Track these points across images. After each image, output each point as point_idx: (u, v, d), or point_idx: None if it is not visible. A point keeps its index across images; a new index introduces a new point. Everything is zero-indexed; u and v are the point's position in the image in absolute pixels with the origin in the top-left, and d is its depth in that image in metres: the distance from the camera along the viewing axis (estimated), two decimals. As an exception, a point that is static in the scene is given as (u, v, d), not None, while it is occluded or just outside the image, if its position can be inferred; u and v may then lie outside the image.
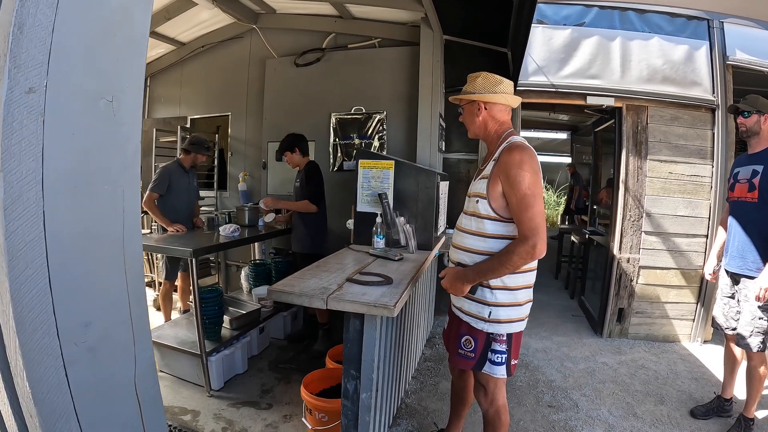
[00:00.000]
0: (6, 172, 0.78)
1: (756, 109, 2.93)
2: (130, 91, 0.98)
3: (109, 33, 0.92)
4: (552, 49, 4.90)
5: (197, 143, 4.68)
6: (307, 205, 4.23)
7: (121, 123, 0.97)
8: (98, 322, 0.96)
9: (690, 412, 3.34)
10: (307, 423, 2.79)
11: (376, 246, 3.22)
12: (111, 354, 1.00)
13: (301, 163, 4.37)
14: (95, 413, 0.97)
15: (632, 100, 4.70)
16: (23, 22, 0.79)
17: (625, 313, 4.77)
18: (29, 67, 0.80)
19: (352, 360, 2.19)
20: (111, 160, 0.97)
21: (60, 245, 0.87)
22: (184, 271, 4.70)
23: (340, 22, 5.18)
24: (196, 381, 3.53)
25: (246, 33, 5.76)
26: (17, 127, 0.79)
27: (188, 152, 4.63)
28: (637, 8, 4.85)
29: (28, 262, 0.82)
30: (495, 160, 2.06)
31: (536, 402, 3.45)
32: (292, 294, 2.13)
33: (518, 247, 1.92)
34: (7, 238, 0.79)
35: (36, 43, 0.80)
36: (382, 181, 3.51)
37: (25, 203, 0.81)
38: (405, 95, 4.92)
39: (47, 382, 0.88)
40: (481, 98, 2.16)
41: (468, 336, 2.18)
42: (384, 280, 2.34)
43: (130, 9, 0.96)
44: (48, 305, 0.86)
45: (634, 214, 4.66)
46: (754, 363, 2.96)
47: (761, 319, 2.83)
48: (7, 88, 0.77)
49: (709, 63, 4.72)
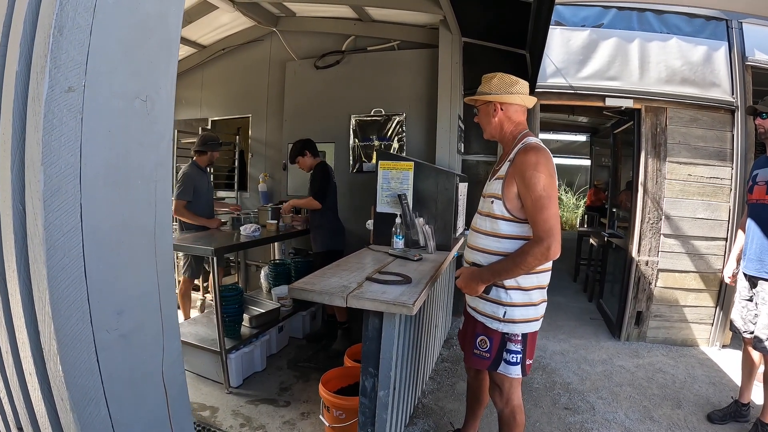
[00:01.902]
0: (46, 165, 0.83)
1: None
2: (163, 92, 1.03)
3: (144, 36, 0.97)
4: (570, 50, 4.89)
5: (210, 141, 4.71)
6: (310, 201, 4.31)
7: (155, 121, 1.02)
8: (130, 311, 1.01)
9: (707, 416, 3.30)
10: (325, 420, 2.81)
11: (395, 246, 3.25)
12: (141, 342, 1.05)
13: (313, 165, 4.44)
14: (124, 398, 1.02)
15: (651, 102, 4.66)
16: (63, 24, 0.84)
17: (644, 316, 4.73)
18: (69, 67, 0.85)
19: (371, 357, 2.21)
20: (145, 156, 1.02)
21: (96, 236, 0.92)
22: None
23: (359, 25, 5.22)
24: (216, 378, 3.59)
25: (266, 36, 5.83)
26: (57, 124, 0.84)
27: (203, 152, 4.65)
28: (655, 9, 4.81)
29: (65, 252, 0.87)
30: (510, 161, 2.07)
31: (553, 404, 3.45)
32: (313, 292, 2.16)
33: (533, 248, 1.93)
34: (46, 228, 0.84)
35: (75, 45, 0.85)
36: (401, 182, 3.54)
37: (63, 196, 0.86)
38: (424, 97, 4.94)
39: (79, 367, 0.92)
40: (496, 99, 2.16)
41: (483, 336, 2.19)
42: (403, 280, 2.36)
43: (164, 14, 1.01)
44: (83, 293, 0.90)
45: (653, 216, 4.62)
46: None
47: None
48: (48, 87, 0.82)
49: (728, 64, 4.67)
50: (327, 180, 4.39)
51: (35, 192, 0.85)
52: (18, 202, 0.92)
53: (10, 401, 1.15)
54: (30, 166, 0.86)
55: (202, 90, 6.49)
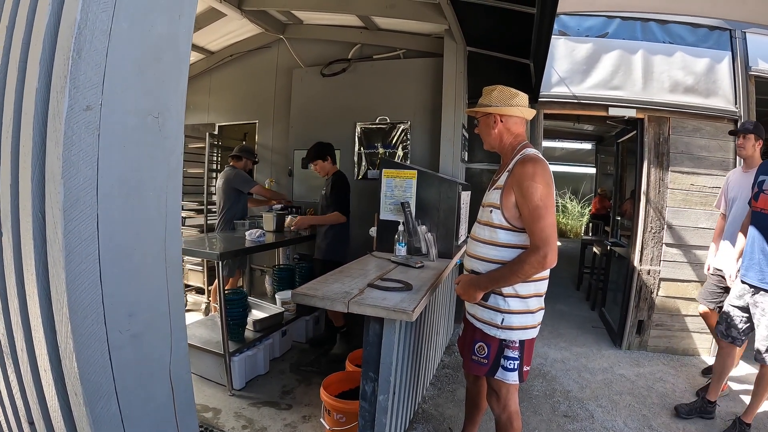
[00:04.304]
0: (66, 179, 0.90)
1: None
2: (173, 109, 1.10)
3: (156, 57, 1.04)
4: (575, 60, 4.94)
5: (249, 150, 5.18)
6: (338, 217, 4.28)
7: (166, 137, 1.09)
8: (141, 312, 1.08)
9: (674, 408, 3.45)
10: (326, 423, 2.85)
11: (397, 253, 3.29)
12: (150, 342, 1.12)
13: (330, 171, 4.45)
14: (133, 394, 1.08)
15: (654, 112, 4.71)
16: (81, 47, 0.90)
17: (645, 325, 4.75)
18: (87, 87, 0.92)
19: (371, 362, 2.25)
20: (156, 170, 1.09)
21: (111, 243, 0.99)
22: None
23: (365, 33, 5.28)
24: (219, 380, 3.64)
25: (273, 43, 5.89)
26: (76, 140, 0.91)
27: (239, 158, 5.05)
28: (659, 19, 4.86)
29: (82, 257, 0.94)
30: (509, 172, 2.12)
31: (552, 411, 3.48)
32: (315, 297, 2.20)
33: (530, 257, 1.97)
34: (65, 235, 0.91)
35: (92, 66, 0.92)
36: (405, 190, 3.59)
37: (81, 206, 0.93)
38: (429, 106, 4.98)
39: (94, 364, 0.99)
40: (496, 111, 2.21)
41: (481, 342, 2.23)
42: (404, 286, 2.41)
43: (174, 36, 1.08)
44: (98, 295, 0.97)
45: (656, 225, 4.65)
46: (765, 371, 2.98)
47: None
48: (67, 106, 0.89)
49: (731, 74, 4.71)
50: (349, 191, 4.43)
51: (56, 203, 0.91)
52: (37, 210, 0.99)
53: (23, 396, 1.22)
54: (51, 179, 0.93)
55: (210, 95, 6.56)
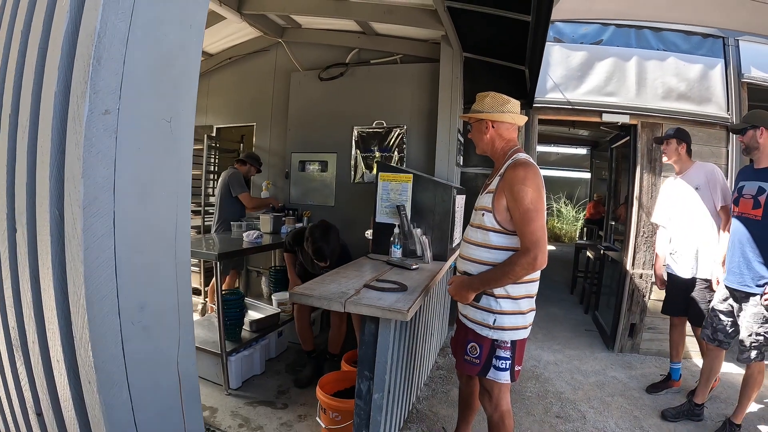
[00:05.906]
0: (85, 178, 0.96)
1: (750, 124, 2.95)
2: (184, 113, 1.16)
3: (169, 64, 1.10)
4: (569, 67, 5.01)
5: (255, 158, 5.31)
6: None
7: (177, 139, 1.15)
8: (152, 305, 1.14)
9: (661, 413, 3.50)
10: (321, 422, 2.89)
11: (393, 255, 3.34)
12: (160, 334, 1.17)
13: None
14: (143, 383, 1.14)
15: (647, 118, 4.78)
16: (101, 55, 0.96)
17: (637, 328, 4.81)
18: (105, 92, 0.98)
19: (367, 361, 2.29)
20: (168, 170, 1.15)
21: (125, 239, 1.05)
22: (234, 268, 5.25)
23: (363, 38, 5.33)
24: (215, 380, 3.68)
25: (272, 46, 5.94)
26: (95, 142, 0.97)
27: (244, 163, 5.18)
28: (653, 26, 4.94)
29: (99, 252, 1.00)
30: (500, 176, 2.17)
31: (545, 412, 3.53)
32: (312, 297, 2.25)
33: (520, 259, 2.03)
34: (84, 231, 0.97)
35: (111, 73, 0.98)
36: (400, 194, 3.63)
37: (99, 204, 0.99)
38: (425, 110, 5.04)
39: (108, 354, 1.05)
40: (489, 117, 2.26)
41: (474, 342, 2.28)
42: (399, 287, 2.46)
43: (186, 44, 1.14)
44: (113, 288, 1.03)
45: (648, 230, 4.71)
46: (751, 371, 3.04)
47: (758, 336, 2.90)
48: (87, 110, 0.95)
49: (724, 81, 4.79)
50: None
51: (75, 200, 0.97)
52: (55, 207, 1.04)
53: (32, 388, 1.27)
54: (70, 179, 0.99)
55: (208, 98, 6.59)
